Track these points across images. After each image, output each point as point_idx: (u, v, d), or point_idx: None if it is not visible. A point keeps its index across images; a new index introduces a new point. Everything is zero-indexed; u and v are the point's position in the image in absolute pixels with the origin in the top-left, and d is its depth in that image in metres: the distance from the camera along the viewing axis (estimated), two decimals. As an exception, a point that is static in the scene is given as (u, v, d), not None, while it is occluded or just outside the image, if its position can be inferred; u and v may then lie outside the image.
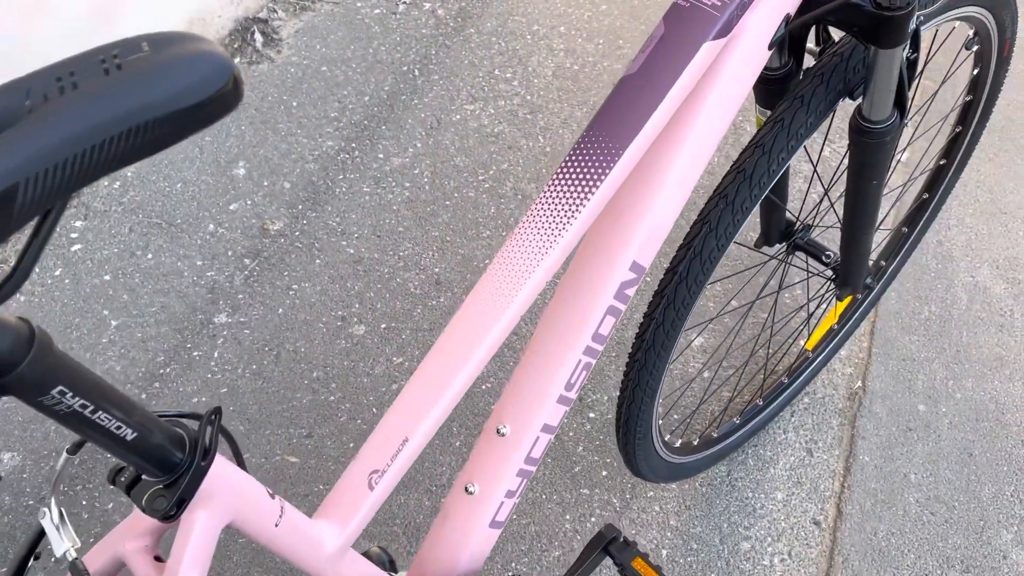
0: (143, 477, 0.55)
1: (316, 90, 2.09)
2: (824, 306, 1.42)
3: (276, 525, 0.64)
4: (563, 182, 0.70)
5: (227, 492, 0.58)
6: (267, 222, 1.80)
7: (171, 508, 0.53)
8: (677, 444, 1.28)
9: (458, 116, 2.04)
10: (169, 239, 1.77)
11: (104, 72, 0.39)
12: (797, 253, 1.25)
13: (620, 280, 0.78)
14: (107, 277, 1.70)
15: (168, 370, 1.56)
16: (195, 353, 1.58)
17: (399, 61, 2.18)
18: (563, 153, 1.96)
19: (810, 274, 1.36)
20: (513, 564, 1.33)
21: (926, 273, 1.74)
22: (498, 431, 0.85)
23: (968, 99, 1.27)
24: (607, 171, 0.69)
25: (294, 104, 2.05)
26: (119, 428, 0.49)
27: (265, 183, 1.87)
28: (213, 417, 0.56)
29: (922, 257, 1.76)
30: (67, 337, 1.59)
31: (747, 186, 0.89)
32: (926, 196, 1.41)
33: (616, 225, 0.77)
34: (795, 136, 0.89)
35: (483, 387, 1.55)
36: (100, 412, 0.48)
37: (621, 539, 0.90)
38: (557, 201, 0.70)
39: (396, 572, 0.95)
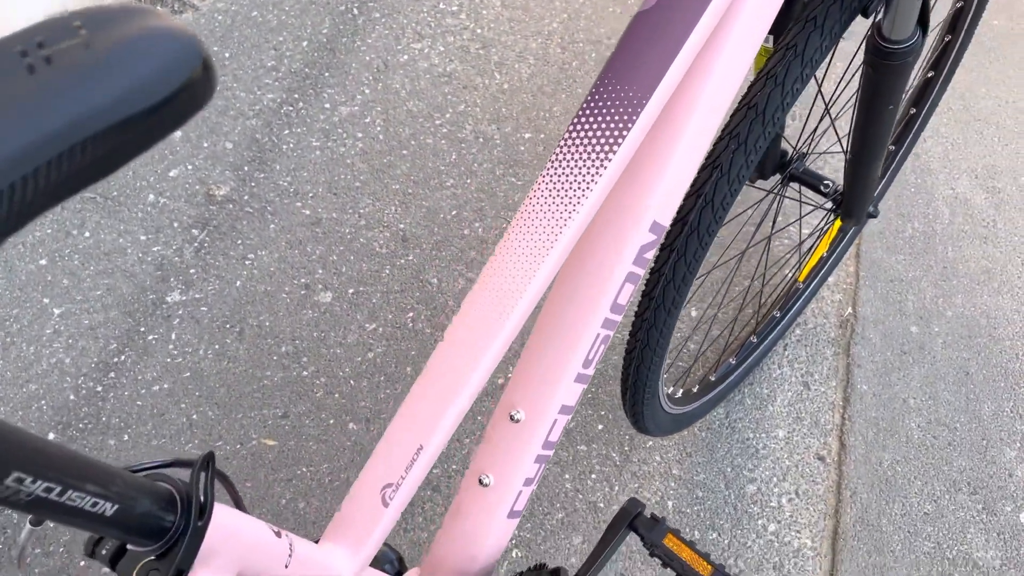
0: (129, 547, 0.46)
1: (249, 38, 1.93)
2: (817, 236, 1.36)
3: (286, 567, 0.56)
4: (578, 142, 0.61)
5: (230, 546, 0.50)
6: (212, 187, 1.67)
7: (168, 583, 0.45)
8: (679, 395, 1.22)
9: (406, 56, 1.91)
10: (107, 214, 1.62)
11: (28, 69, 0.28)
12: (792, 184, 1.18)
13: (639, 244, 0.70)
14: (43, 262, 1.56)
15: (123, 358, 1.44)
16: (150, 337, 1.47)
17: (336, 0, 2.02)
18: (522, 90, 1.85)
19: (809, 207, 1.30)
20: (516, 532, 1.27)
21: (906, 189, 1.69)
22: (511, 417, 0.77)
23: (959, 5, 1.19)
24: (629, 125, 0.60)
25: (226, 55, 1.89)
26: (95, 505, 0.40)
27: (205, 144, 1.73)
28: (206, 464, 0.47)
29: (901, 172, 1.71)
30: (7, 331, 1.46)
31: (760, 123, 0.81)
32: (913, 111, 1.34)
33: (631, 183, 0.69)
34: (809, 63, 0.80)
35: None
36: (70, 491, 0.38)
37: (648, 514, 0.83)
38: (573, 164, 0.60)
39: (405, 570, 0.87)
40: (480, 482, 0.79)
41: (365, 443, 1.35)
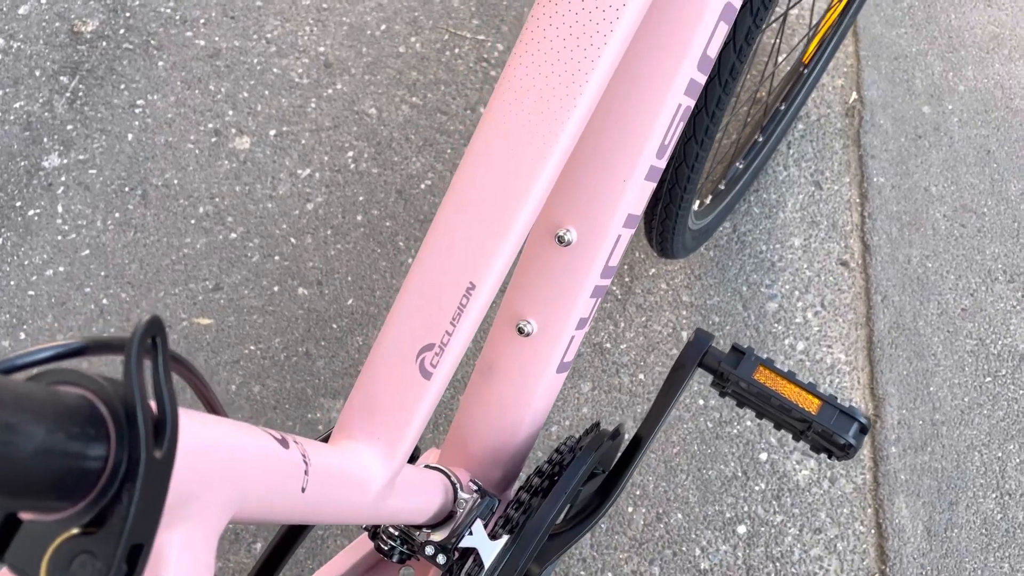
0: (23, 518, 0.24)
1: None
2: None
3: (303, 491, 0.35)
4: None
5: (217, 479, 0.28)
6: (77, 22, 1.34)
7: (116, 573, 0.23)
8: (696, 207, 1.03)
9: None
10: (-56, 68, 1.29)
11: None
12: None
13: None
14: None
15: (0, 240, 1.16)
16: (30, 212, 1.18)
17: None
18: None
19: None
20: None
21: (898, -48, 1.48)
22: (559, 239, 0.55)
23: None
24: None
25: None
26: None
27: (57, -30, 1.38)
28: (151, 342, 0.24)
29: (889, -66, 1.49)
30: None
31: None
32: None
33: None
34: None
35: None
36: None
37: (731, 348, 0.65)
38: None
39: (419, 452, 0.68)
40: (520, 331, 0.59)
41: (321, 309, 1.13)
